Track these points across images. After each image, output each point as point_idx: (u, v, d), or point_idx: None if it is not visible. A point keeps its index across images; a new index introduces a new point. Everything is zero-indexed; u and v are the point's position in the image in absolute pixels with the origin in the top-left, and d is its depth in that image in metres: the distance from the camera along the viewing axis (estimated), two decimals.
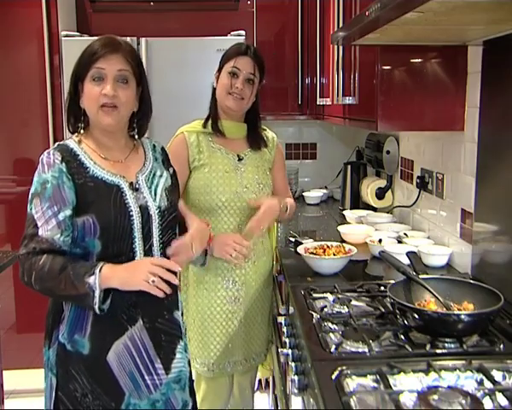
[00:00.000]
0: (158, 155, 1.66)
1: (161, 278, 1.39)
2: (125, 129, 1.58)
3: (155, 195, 1.55)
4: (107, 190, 1.47)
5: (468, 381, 1.17)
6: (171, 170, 1.67)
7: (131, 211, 1.47)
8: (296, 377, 1.43)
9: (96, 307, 1.37)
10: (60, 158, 1.43)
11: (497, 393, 1.10)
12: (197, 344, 2.04)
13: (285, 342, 1.68)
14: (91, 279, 1.35)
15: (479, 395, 1.10)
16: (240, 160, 2.03)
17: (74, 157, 1.46)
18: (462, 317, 1.31)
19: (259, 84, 2.03)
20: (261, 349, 2.13)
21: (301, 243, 2.19)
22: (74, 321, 1.47)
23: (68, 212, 1.41)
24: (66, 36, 2.95)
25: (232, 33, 2.98)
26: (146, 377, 1.50)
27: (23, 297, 3.18)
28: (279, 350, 1.69)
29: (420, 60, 1.87)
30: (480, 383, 1.16)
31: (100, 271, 1.37)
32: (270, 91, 3.28)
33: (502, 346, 1.32)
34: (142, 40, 2.93)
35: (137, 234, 1.48)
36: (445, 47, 1.84)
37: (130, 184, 1.51)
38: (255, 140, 2.09)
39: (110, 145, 1.54)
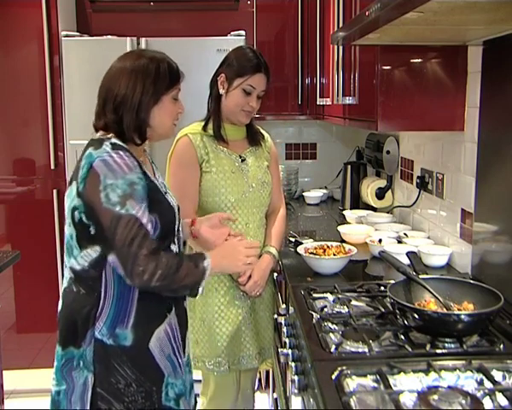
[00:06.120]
0: None
1: None
2: None
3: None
4: (161, 191, 1.58)
5: (468, 381, 1.17)
6: None
7: (175, 211, 1.61)
8: (296, 377, 1.43)
9: (201, 289, 1.51)
10: (135, 160, 1.48)
11: (497, 393, 1.10)
12: (208, 345, 2.02)
13: (285, 342, 1.68)
14: (205, 263, 1.50)
15: (479, 395, 1.10)
16: (242, 160, 2.05)
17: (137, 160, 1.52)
18: (462, 317, 1.31)
19: None
20: (270, 343, 2.14)
21: (301, 243, 2.19)
22: (116, 316, 1.50)
23: None
24: (67, 36, 2.96)
25: (232, 33, 2.98)
26: (179, 359, 1.61)
27: (23, 297, 3.19)
28: (279, 350, 1.69)
29: (420, 60, 1.87)
30: (480, 383, 1.16)
31: (209, 258, 1.53)
32: (270, 91, 3.26)
33: (502, 346, 1.32)
34: (142, 40, 2.94)
35: (176, 232, 1.63)
36: (445, 47, 1.84)
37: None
38: (254, 137, 2.11)
39: None
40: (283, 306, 1.95)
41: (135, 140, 1.52)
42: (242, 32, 2.98)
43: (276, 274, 2.18)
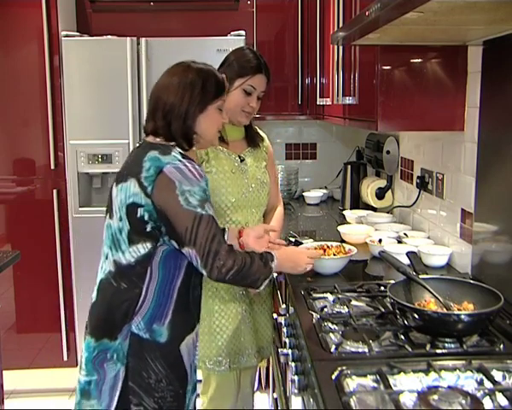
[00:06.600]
0: None
1: None
2: None
3: None
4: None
5: (468, 381, 1.17)
6: None
7: None
8: (296, 377, 1.43)
9: (264, 285, 1.62)
10: (201, 169, 1.59)
11: (497, 393, 1.10)
12: (208, 345, 2.01)
13: (285, 342, 1.68)
14: (273, 264, 1.64)
15: (479, 395, 1.10)
16: (242, 160, 2.05)
17: None
18: (462, 317, 1.31)
19: None
20: (269, 342, 2.14)
21: (301, 243, 2.19)
22: (155, 311, 1.57)
23: None
24: (67, 36, 2.96)
25: (232, 33, 2.98)
26: (195, 366, 1.72)
27: (23, 297, 3.18)
28: (279, 350, 1.69)
29: (420, 60, 1.87)
30: (480, 383, 1.16)
31: (276, 259, 1.66)
32: (270, 91, 3.27)
33: (502, 346, 1.32)
34: (142, 40, 2.93)
35: None
36: (445, 47, 1.84)
37: None
38: (253, 138, 2.12)
39: None
40: (283, 306, 1.95)
41: (182, 145, 1.61)
42: (242, 32, 2.98)
43: (275, 274, 2.18)
